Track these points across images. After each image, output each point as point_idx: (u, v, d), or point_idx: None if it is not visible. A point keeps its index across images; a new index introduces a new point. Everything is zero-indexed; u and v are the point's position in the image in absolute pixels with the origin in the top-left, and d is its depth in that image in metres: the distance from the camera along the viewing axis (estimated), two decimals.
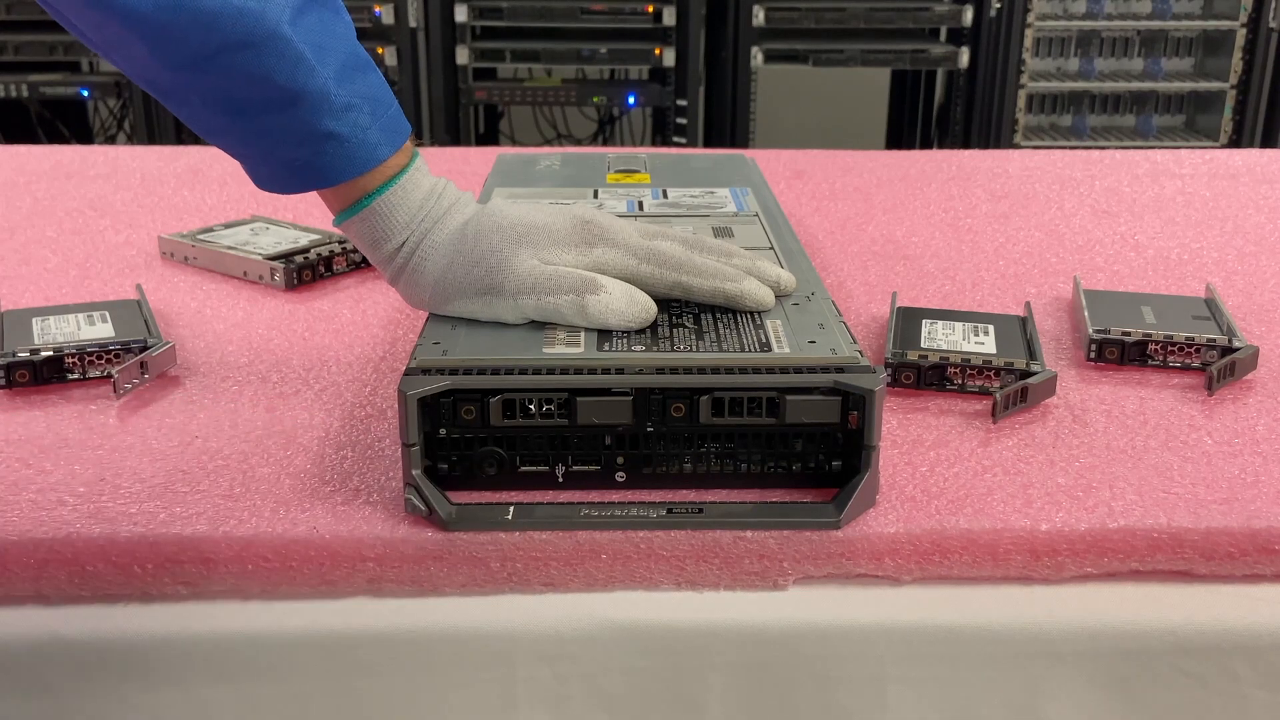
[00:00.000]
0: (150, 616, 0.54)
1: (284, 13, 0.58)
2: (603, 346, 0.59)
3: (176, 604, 0.55)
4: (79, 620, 0.54)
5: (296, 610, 0.55)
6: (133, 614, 0.54)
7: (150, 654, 0.54)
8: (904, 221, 1.05)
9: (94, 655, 0.54)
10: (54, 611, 0.54)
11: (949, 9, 2.76)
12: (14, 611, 0.54)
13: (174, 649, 0.54)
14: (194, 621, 0.54)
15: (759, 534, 0.55)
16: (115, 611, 0.54)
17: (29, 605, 0.55)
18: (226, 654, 0.54)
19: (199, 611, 0.54)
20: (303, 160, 0.61)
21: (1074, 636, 0.54)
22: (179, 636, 0.54)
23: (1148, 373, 0.73)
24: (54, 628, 0.54)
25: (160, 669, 0.54)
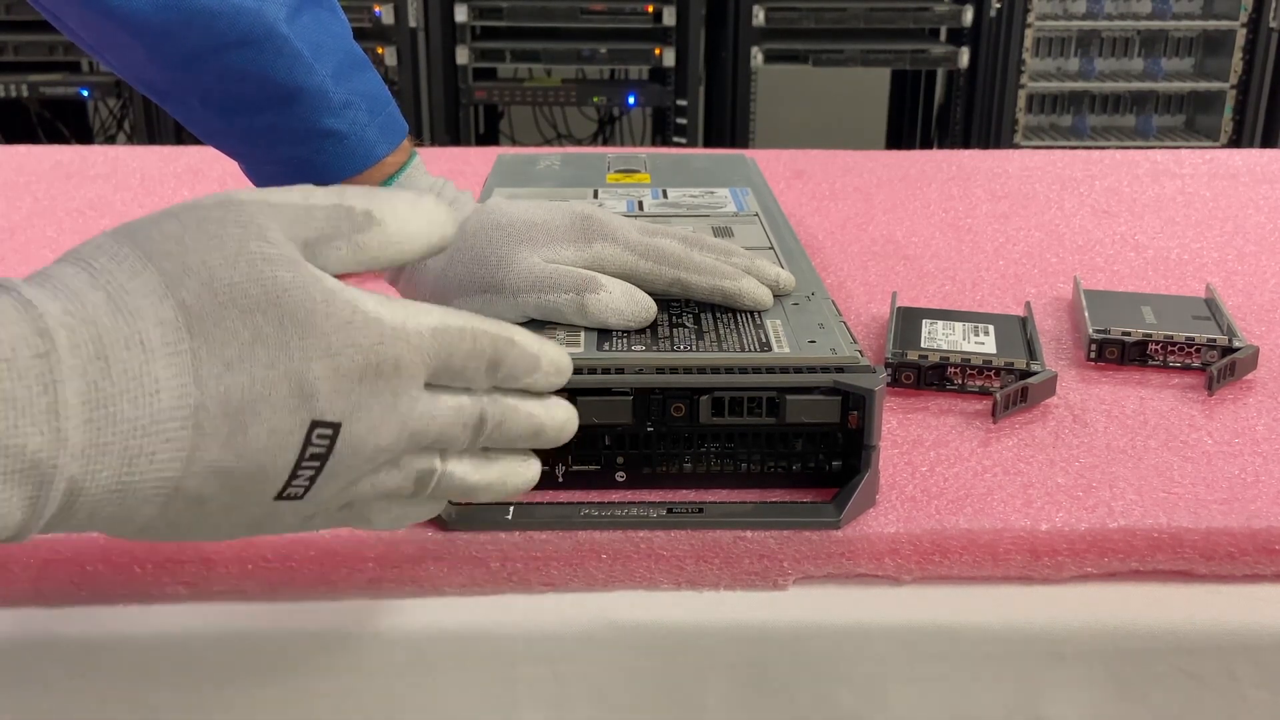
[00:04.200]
0: (150, 616, 0.54)
1: (281, 11, 0.58)
2: (603, 346, 0.59)
3: (176, 604, 0.55)
4: (79, 620, 0.54)
5: (296, 610, 0.55)
6: (133, 614, 0.54)
7: (150, 654, 0.53)
8: (904, 221, 1.05)
9: (94, 655, 0.53)
10: (54, 611, 0.54)
11: (949, 9, 2.76)
12: (14, 611, 0.54)
13: (174, 649, 0.54)
14: (194, 621, 0.54)
15: (759, 534, 0.55)
16: (115, 611, 0.54)
17: (29, 605, 0.55)
18: (226, 654, 0.54)
19: (199, 611, 0.54)
20: (301, 158, 0.62)
21: (1074, 636, 0.54)
22: (179, 636, 0.54)
23: (1148, 373, 0.73)
24: (54, 628, 0.54)
25: (160, 669, 0.54)
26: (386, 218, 0.42)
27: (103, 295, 0.37)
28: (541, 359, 0.45)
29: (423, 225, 0.43)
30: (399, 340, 0.40)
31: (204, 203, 0.40)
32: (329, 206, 0.41)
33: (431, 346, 0.41)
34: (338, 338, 0.39)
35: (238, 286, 0.38)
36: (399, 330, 0.40)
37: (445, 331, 0.42)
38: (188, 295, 0.37)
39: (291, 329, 0.38)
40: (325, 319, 0.39)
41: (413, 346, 0.41)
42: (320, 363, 0.38)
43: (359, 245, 0.41)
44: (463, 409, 0.43)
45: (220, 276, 0.38)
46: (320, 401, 0.39)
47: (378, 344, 0.40)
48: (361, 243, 0.41)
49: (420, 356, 0.41)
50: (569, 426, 0.47)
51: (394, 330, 0.40)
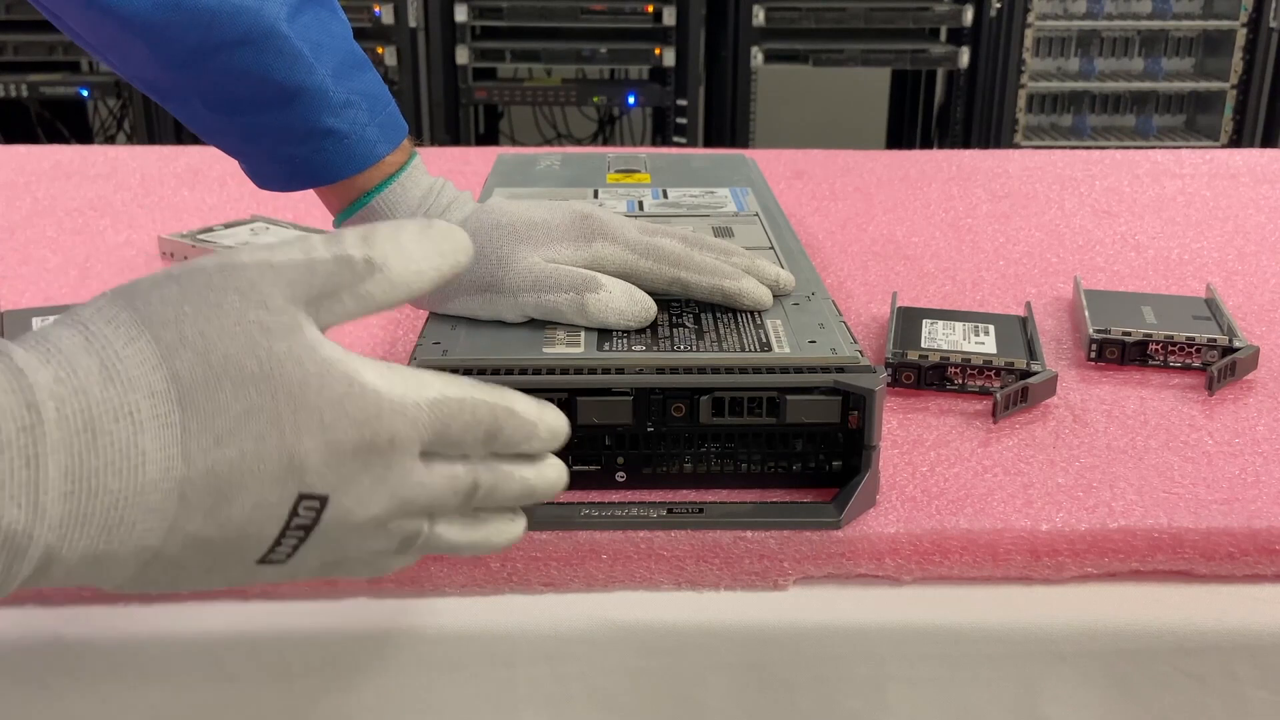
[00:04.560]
0: (150, 616, 0.54)
1: (281, 10, 0.58)
2: (603, 346, 0.59)
3: (176, 604, 0.55)
4: (79, 620, 0.54)
5: (296, 610, 0.55)
6: (133, 614, 0.54)
7: (150, 654, 0.53)
8: (904, 221, 1.05)
9: (94, 655, 0.53)
10: (54, 611, 0.54)
11: (949, 9, 2.76)
12: (14, 611, 0.54)
13: (174, 649, 0.54)
14: (194, 621, 0.54)
15: (759, 534, 0.55)
16: (115, 611, 0.54)
17: (29, 605, 0.55)
18: (226, 654, 0.54)
19: (199, 611, 0.54)
20: (302, 158, 0.61)
21: (1074, 636, 0.54)
22: (179, 636, 0.54)
23: (1148, 373, 0.73)
24: (54, 628, 0.54)
25: (160, 669, 0.54)
26: (390, 261, 0.41)
27: (96, 362, 0.37)
28: (539, 426, 0.44)
29: (431, 259, 0.42)
30: (396, 415, 0.39)
31: (206, 266, 0.39)
32: (330, 260, 0.40)
33: (429, 419, 0.40)
34: (331, 412, 0.38)
35: (233, 359, 0.37)
36: (397, 404, 0.39)
37: (444, 404, 0.41)
38: (181, 366, 0.37)
39: (285, 403, 0.38)
40: (319, 393, 0.38)
41: (410, 420, 0.40)
42: (312, 437, 0.38)
43: (362, 295, 0.41)
44: (456, 478, 0.42)
45: (216, 348, 0.37)
46: (309, 475, 0.38)
47: (374, 418, 0.39)
48: (365, 292, 0.41)
49: (417, 430, 0.40)
50: (559, 485, 0.46)
51: (391, 404, 0.39)
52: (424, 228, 0.42)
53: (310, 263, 0.40)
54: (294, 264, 0.39)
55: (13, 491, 0.34)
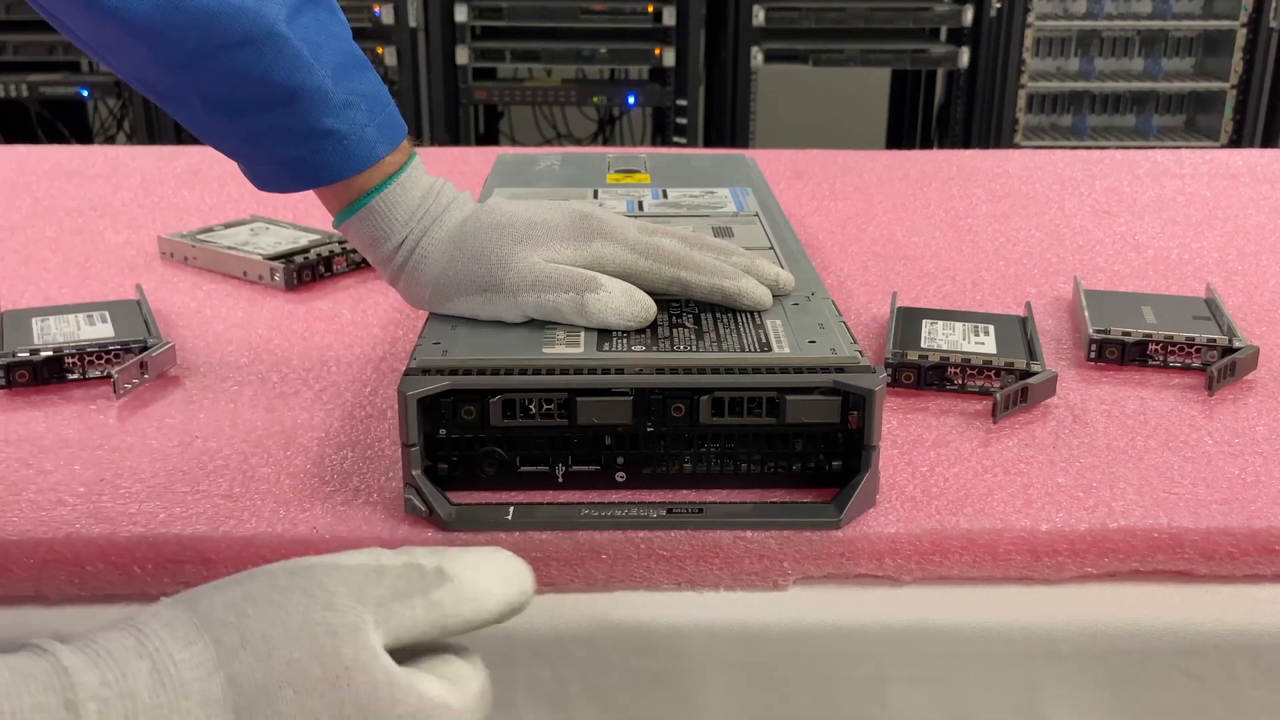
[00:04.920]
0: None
1: (281, 11, 0.58)
2: (603, 346, 0.59)
3: None
4: (79, 620, 0.54)
5: None
6: (133, 613, 0.54)
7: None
8: (904, 221, 1.05)
9: None
10: (54, 611, 0.54)
11: (949, 9, 2.76)
12: (14, 611, 0.54)
13: None
14: None
15: (759, 534, 0.55)
16: (115, 611, 0.54)
17: (29, 605, 0.55)
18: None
19: None
20: (301, 158, 0.61)
21: (1074, 636, 0.54)
22: None
23: (1148, 373, 0.73)
24: (54, 628, 0.54)
25: None
26: (459, 574, 0.39)
27: (148, 665, 0.34)
28: None
29: (498, 581, 0.40)
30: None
31: (274, 569, 0.37)
32: (400, 566, 0.38)
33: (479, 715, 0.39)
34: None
35: (296, 664, 0.35)
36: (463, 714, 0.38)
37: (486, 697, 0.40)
38: (241, 670, 0.35)
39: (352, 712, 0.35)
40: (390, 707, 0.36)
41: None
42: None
43: (434, 604, 0.38)
44: None
45: (279, 651, 0.35)
46: None
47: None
48: (437, 600, 0.38)
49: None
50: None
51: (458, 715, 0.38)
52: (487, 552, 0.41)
53: (380, 567, 0.38)
54: (362, 565, 0.38)
55: None
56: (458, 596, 0.39)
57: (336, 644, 0.36)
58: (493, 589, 0.40)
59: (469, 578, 0.39)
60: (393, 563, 0.38)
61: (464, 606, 0.39)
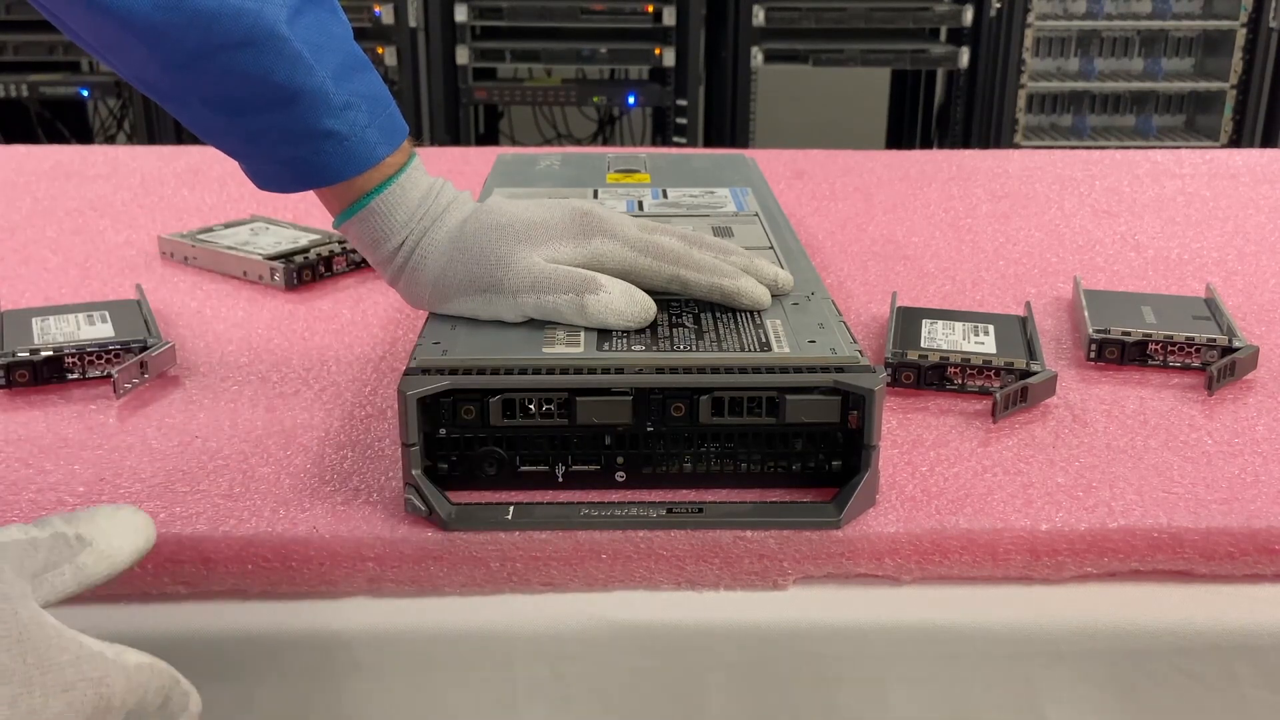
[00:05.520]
0: (150, 616, 0.54)
1: (281, 12, 0.58)
2: (603, 346, 0.59)
3: (176, 604, 0.55)
4: (79, 620, 0.54)
5: (296, 610, 0.55)
6: (133, 614, 0.54)
7: (150, 653, 0.53)
8: (904, 221, 1.05)
9: None
10: (53, 611, 0.54)
11: (949, 9, 2.76)
12: None
13: (174, 649, 0.53)
14: (194, 621, 0.54)
15: (759, 534, 0.55)
16: (115, 611, 0.54)
17: None
18: (226, 654, 0.54)
19: (199, 611, 0.54)
20: (302, 159, 0.61)
21: (1074, 636, 0.54)
22: (179, 636, 0.54)
23: (1148, 373, 0.73)
24: None
25: None
26: (95, 536, 0.45)
27: None
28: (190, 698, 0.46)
29: (129, 537, 0.47)
30: (119, 674, 0.42)
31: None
32: (48, 537, 0.44)
33: (138, 681, 0.43)
34: (72, 672, 0.41)
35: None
36: (117, 664, 0.42)
37: (143, 668, 0.44)
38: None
39: (34, 665, 0.40)
40: (60, 653, 0.41)
41: (128, 682, 0.43)
42: (59, 698, 0.40)
43: (79, 567, 0.44)
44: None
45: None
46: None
47: (106, 678, 0.42)
48: (80, 564, 0.45)
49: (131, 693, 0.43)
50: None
51: (112, 665, 0.42)
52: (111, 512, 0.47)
53: (31, 541, 0.44)
54: (16, 542, 0.43)
55: None
56: (97, 557, 0.45)
57: (13, 607, 0.41)
58: (124, 546, 0.47)
59: (104, 541, 0.46)
60: (41, 536, 0.44)
61: (102, 565, 0.46)
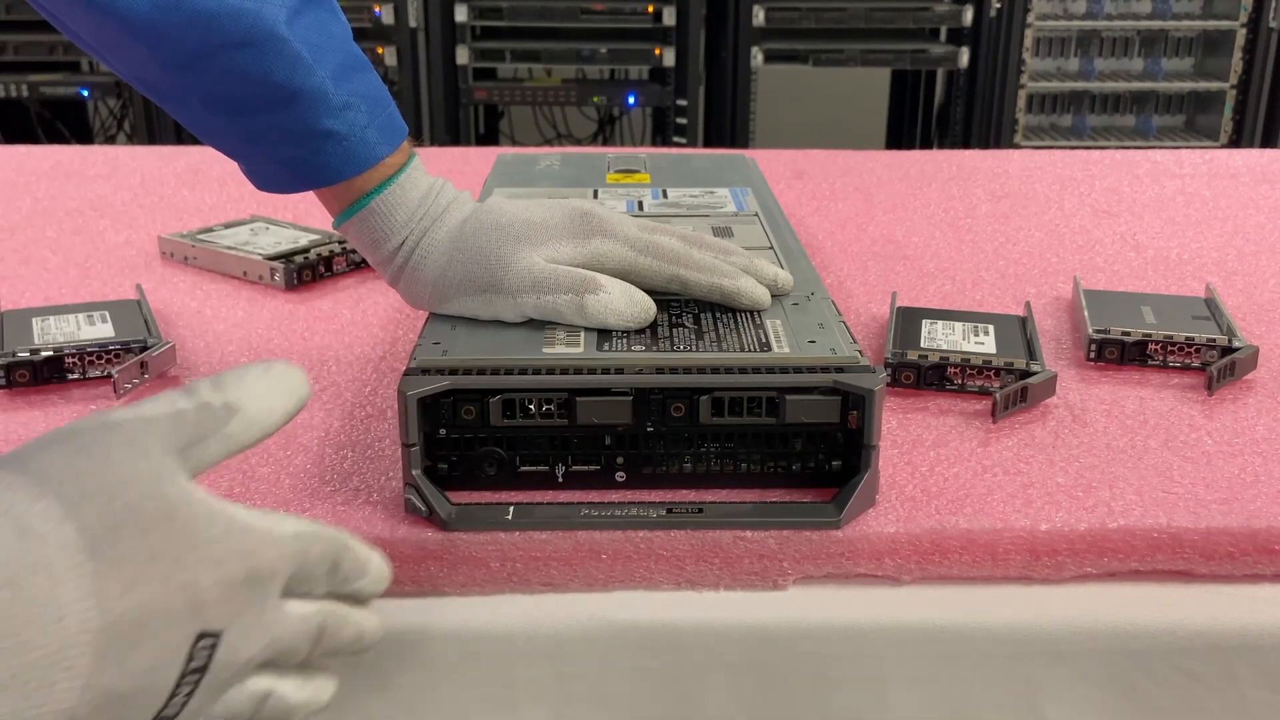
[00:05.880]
0: None
1: (281, 12, 0.58)
2: (603, 346, 0.59)
3: None
4: None
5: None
6: None
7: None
8: (904, 221, 1.05)
9: None
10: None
11: (949, 9, 2.76)
12: None
13: None
14: None
15: (759, 534, 0.55)
16: None
17: None
18: None
19: None
20: (301, 159, 0.62)
21: (1074, 636, 0.54)
22: None
23: (1148, 373, 0.73)
24: None
25: None
26: (244, 402, 0.43)
27: (7, 522, 0.37)
28: (370, 563, 0.46)
29: (279, 398, 0.45)
30: (270, 546, 0.42)
31: (86, 427, 0.41)
32: (194, 409, 0.42)
33: (294, 550, 0.43)
34: (221, 547, 0.40)
35: (133, 506, 0.39)
36: (268, 535, 0.42)
37: (301, 536, 0.43)
38: (88, 518, 0.38)
39: (184, 542, 0.39)
40: (208, 529, 0.40)
41: (281, 551, 0.42)
42: (209, 572, 0.40)
43: (227, 438, 0.43)
44: (307, 618, 0.44)
45: (117, 497, 0.39)
46: (208, 611, 0.40)
47: (257, 550, 0.41)
48: (228, 434, 0.43)
49: (285, 563, 0.42)
50: (379, 636, 0.48)
51: (264, 536, 0.42)
52: (264, 371, 0.45)
53: (178, 413, 0.42)
54: (164, 416, 0.42)
55: None
56: (246, 425, 0.44)
57: (162, 486, 0.40)
58: (274, 408, 0.45)
59: (254, 406, 0.44)
60: (187, 407, 0.42)
61: (251, 431, 0.44)
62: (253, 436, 0.44)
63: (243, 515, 0.41)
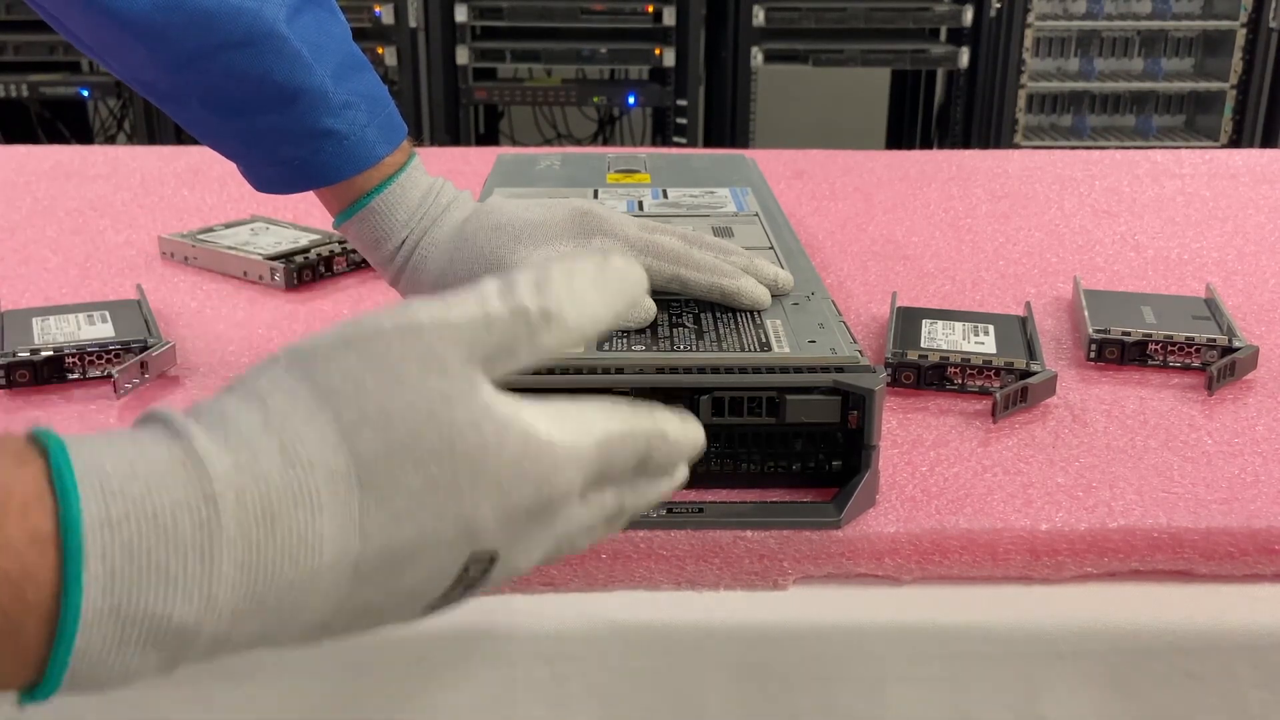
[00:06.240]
0: None
1: (280, 11, 0.58)
2: (603, 346, 0.59)
3: None
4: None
5: None
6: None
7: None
8: (904, 221, 1.05)
9: None
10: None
11: (949, 9, 2.76)
12: None
13: None
14: None
15: (759, 534, 0.55)
16: None
17: None
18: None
19: None
20: (301, 159, 0.62)
21: (1074, 636, 0.54)
22: None
23: (1148, 373, 0.73)
24: None
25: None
26: (564, 312, 0.39)
27: (276, 443, 0.35)
28: (684, 445, 0.43)
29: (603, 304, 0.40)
30: (570, 464, 0.39)
31: (385, 328, 0.38)
32: (507, 315, 0.38)
33: (596, 460, 0.40)
34: (509, 474, 0.37)
35: (414, 433, 0.36)
36: (571, 453, 0.39)
37: (608, 442, 0.40)
38: (363, 446, 0.36)
39: (465, 473, 0.37)
40: (498, 456, 0.37)
41: (581, 467, 0.39)
42: (490, 503, 0.37)
43: (537, 347, 0.39)
44: (605, 506, 0.42)
45: (397, 425, 0.36)
46: (483, 537, 0.37)
47: (550, 474, 0.38)
48: (540, 344, 0.39)
49: (585, 475, 0.39)
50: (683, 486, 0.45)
51: (566, 454, 0.39)
52: (600, 267, 0.40)
53: (488, 319, 0.38)
54: (472, 321, 0.38)
55: (186, 588, 0.33)
56: (564, 334, 0.39)
57: (451, 410, 0.37)
58: (599, 316, 0.40)
59: (573, 315, 0.39)
60: (500, 312, 0.38)
61: (570, 339, 0.40)
62: (570, 344, 0.40)
63: (544, 428, 0.38)
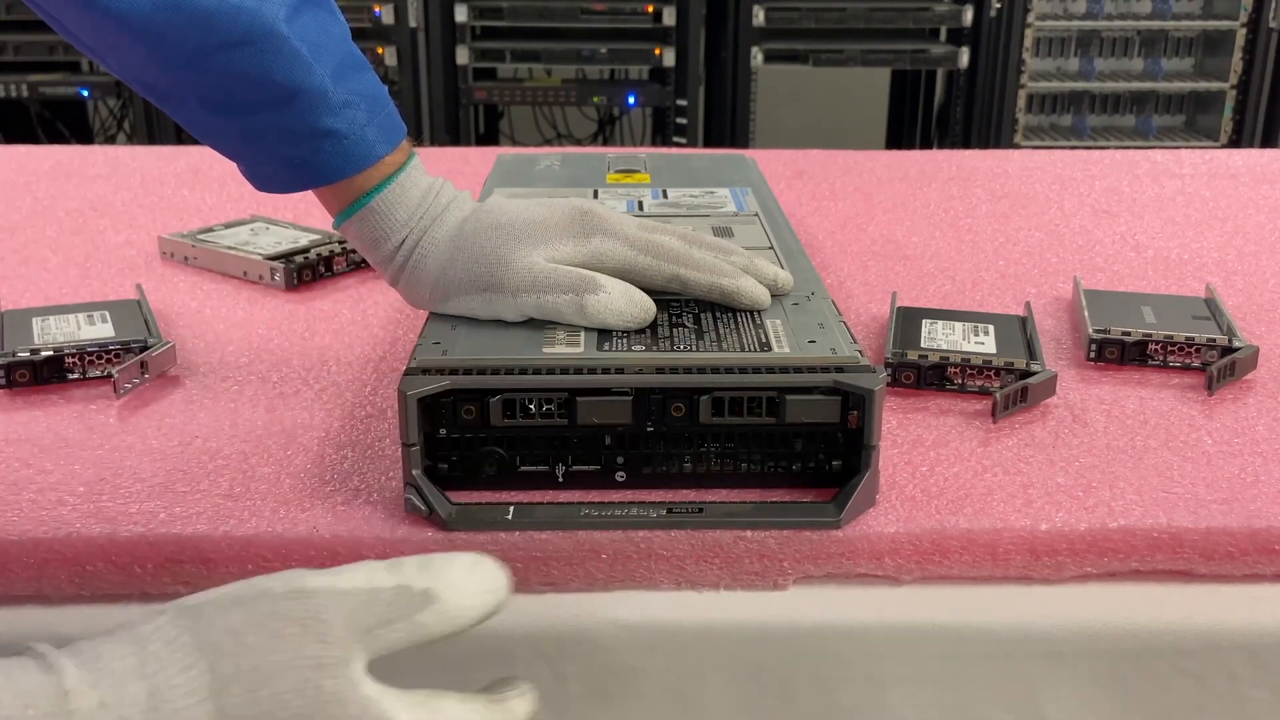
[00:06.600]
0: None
1: (280, 11, 0.58)
2: (603, 346, 0.59)
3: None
4: (79, 620, 0.54)
5: None
6: (133, 613, 0.54)
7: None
8: (904, 221, 1.05)
9: None
10: (54, 611, 0.54)
11: (949, 9, 2.76)
12: (14, 611, 0.54)
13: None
14: None
15: (759, 534, 0.55)
16: (115, 611, 0.54)
17: (29, 605, 0.55)
18: None
19: None
20: (301, 158, 0.62)
21: (1074, 636, 0.54)
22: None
23: (1148, 373, 0.73)
24: (54, 628, 0.54)
25: None
26: (444, 592, 0.42)
27: (145, 689, 0.37)
28: None
29: (479, 596, 0.43)
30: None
31: (274, 590, 0.40)
32: (392, 589, 0.41)
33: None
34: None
35: (281, 696, 0.38)
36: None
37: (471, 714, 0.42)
38: (229, 702, 0.37)
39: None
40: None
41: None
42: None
43: (417, 625, 0.41)
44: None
45: (266, 685, 0.38)
46: None
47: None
48: (420, 622, 0.41)
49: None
50: None
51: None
52: (473, 564, 0.43)
53: (373, 591, 0.41)
54: (357, 591, 0.40)
55: None
56: (440, 617, 0.42)
57: (321, 677, 0.39)
58: (473, 605, 0.43)
59: (452, 598, 0.42)
60: (385, 585, 0.41)
61: (443, 625, 0.42)
62: (443, 630, 0.42)
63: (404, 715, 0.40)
